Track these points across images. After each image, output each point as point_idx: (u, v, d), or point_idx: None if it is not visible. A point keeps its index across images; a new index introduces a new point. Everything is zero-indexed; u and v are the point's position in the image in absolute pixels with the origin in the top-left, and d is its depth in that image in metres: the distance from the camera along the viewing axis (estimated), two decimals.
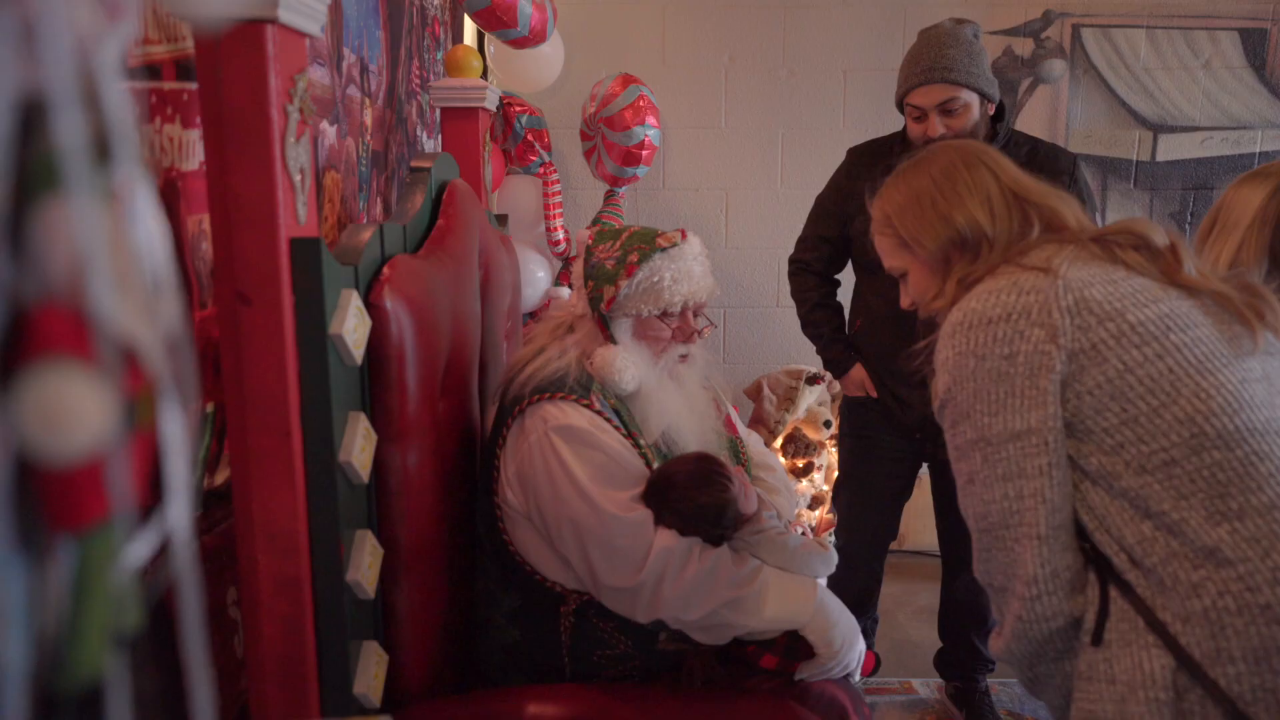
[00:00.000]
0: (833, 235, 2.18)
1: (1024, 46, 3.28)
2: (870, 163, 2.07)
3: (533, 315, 2.79)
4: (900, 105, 2.04)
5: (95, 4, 0.24)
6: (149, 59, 0.94)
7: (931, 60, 1.95)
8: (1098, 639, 1.00)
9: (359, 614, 1.19)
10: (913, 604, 2.94)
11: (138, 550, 0.27)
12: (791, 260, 2.27)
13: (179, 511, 0.26)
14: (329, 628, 1.13)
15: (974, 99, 1.95)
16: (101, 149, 0.23)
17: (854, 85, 3.27)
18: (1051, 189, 1.17)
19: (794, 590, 1.36)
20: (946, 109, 1.94)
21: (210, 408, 1.12)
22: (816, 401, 3.02)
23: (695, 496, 1.36)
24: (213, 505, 1.16)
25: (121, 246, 0.24)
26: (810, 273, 2.23)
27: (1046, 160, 2.03)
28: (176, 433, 0.25)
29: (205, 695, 0.28)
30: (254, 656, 1.10)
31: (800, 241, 2.26)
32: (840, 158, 2.22)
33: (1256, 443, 0.98)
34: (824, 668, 1.37)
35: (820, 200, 2.23)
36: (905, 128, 2.07)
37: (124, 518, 0.24)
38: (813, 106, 3.26)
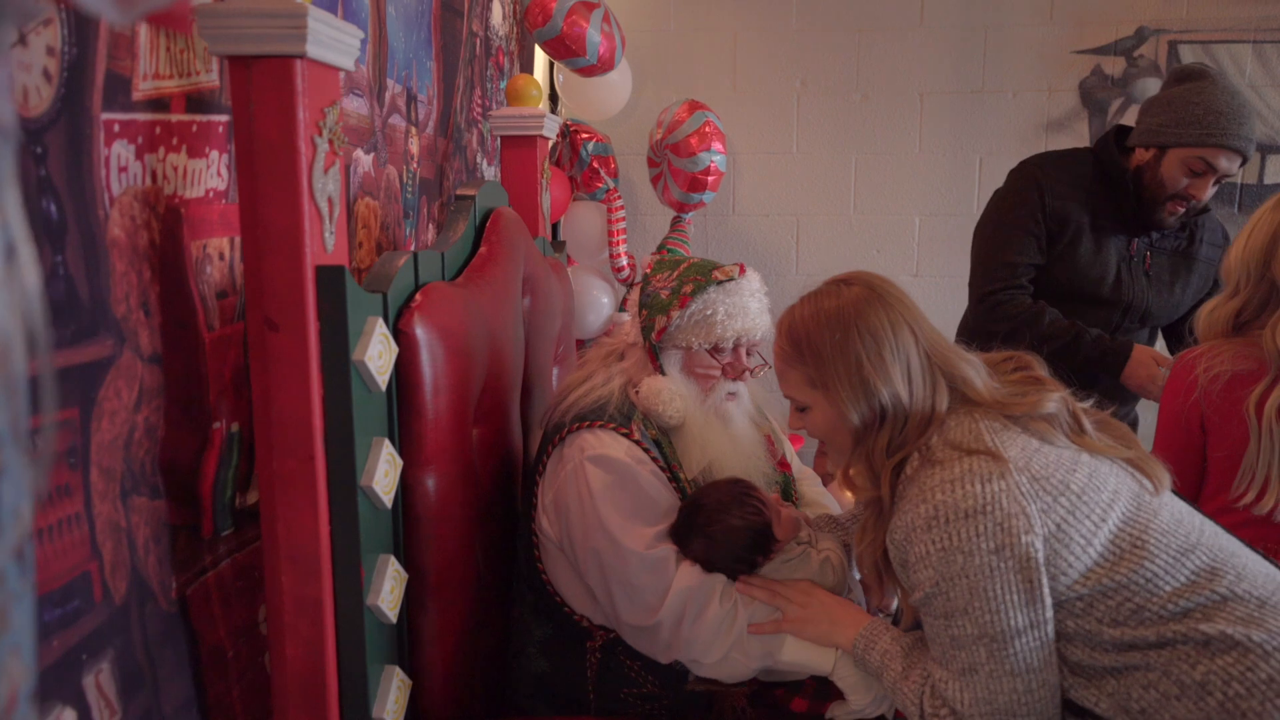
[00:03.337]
0: (1039, 261, 1.97)
1: (1114, 65, 3.13)
2: (1065, 179, 1.95)
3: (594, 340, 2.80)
4: (1163, 146, 1.84)
5: None
6: (160, 93, 0.98)
7: (1241, 128, 1.77)
8: None
9: (380, 638, 1.19)
10: None
11: None
12: (988, 294, 1.97)
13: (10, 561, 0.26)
14: (349, 651, 1.14)
15: None
16: None
17: (931, 108, 3.18)
18: (962, 353, 1.20)
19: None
20: (1220, 179, 1.81)
21: (235, 428, 1.15)
22: None
23: (726, 519, 1.32)
24: (245, 523, 1.19)
25: None
26: (1025, 294, 1.97)
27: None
28: (13, 484, 0.25)
29: None
30: (278, 676, 1.12)
31: (994, 270, 1.98)
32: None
33: (1190, 561, 1.08)
34: (856, 709, 1.31)
35: (1011, 224, 1.99)
36: (1135, 162, 1.91)
37: None
38: (887, 130, 3.19)
